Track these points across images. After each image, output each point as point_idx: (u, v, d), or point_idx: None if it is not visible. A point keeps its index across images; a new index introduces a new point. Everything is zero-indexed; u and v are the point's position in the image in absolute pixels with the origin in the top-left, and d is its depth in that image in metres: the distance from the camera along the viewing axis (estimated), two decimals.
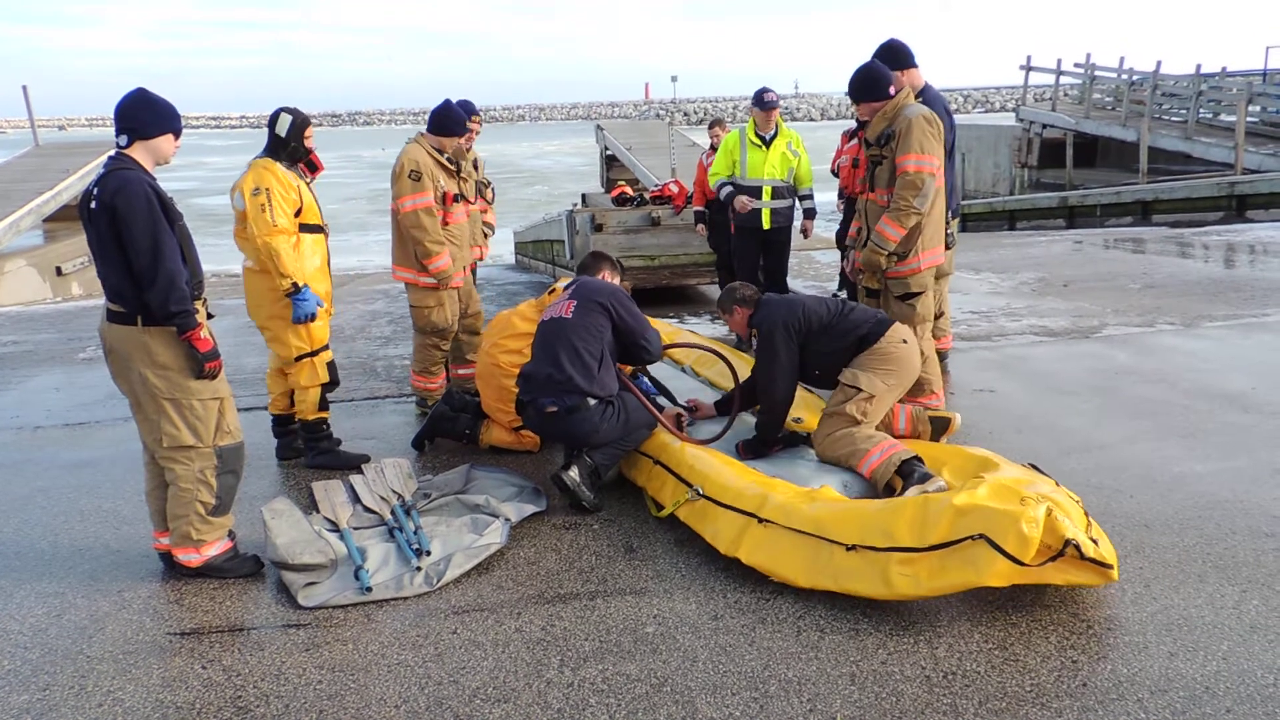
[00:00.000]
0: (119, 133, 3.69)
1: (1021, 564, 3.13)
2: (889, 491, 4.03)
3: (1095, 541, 3.29)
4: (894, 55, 5.45)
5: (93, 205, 3.59)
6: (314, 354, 5.00)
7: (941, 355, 6.75)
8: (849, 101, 5.36)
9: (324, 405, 5.13)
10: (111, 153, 3.74)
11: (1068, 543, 3.15)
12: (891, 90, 5.10)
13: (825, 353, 4.51)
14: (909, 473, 4.00)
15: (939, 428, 4.76)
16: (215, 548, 3.91)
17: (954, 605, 3.44)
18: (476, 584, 3.80)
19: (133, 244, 3.54)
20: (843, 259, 5.67)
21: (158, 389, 3.70)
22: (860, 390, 4.38)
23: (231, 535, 4.01)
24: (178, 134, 3.83)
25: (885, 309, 5.15)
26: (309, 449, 5.18)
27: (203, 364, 3.71)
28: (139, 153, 3.69)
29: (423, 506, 4.45)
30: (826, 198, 9.11)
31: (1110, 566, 3.26)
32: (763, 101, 7.33)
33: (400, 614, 3.59)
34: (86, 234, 3.69)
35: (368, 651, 3.34)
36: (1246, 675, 2.98)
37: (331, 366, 5.11)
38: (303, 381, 5.02)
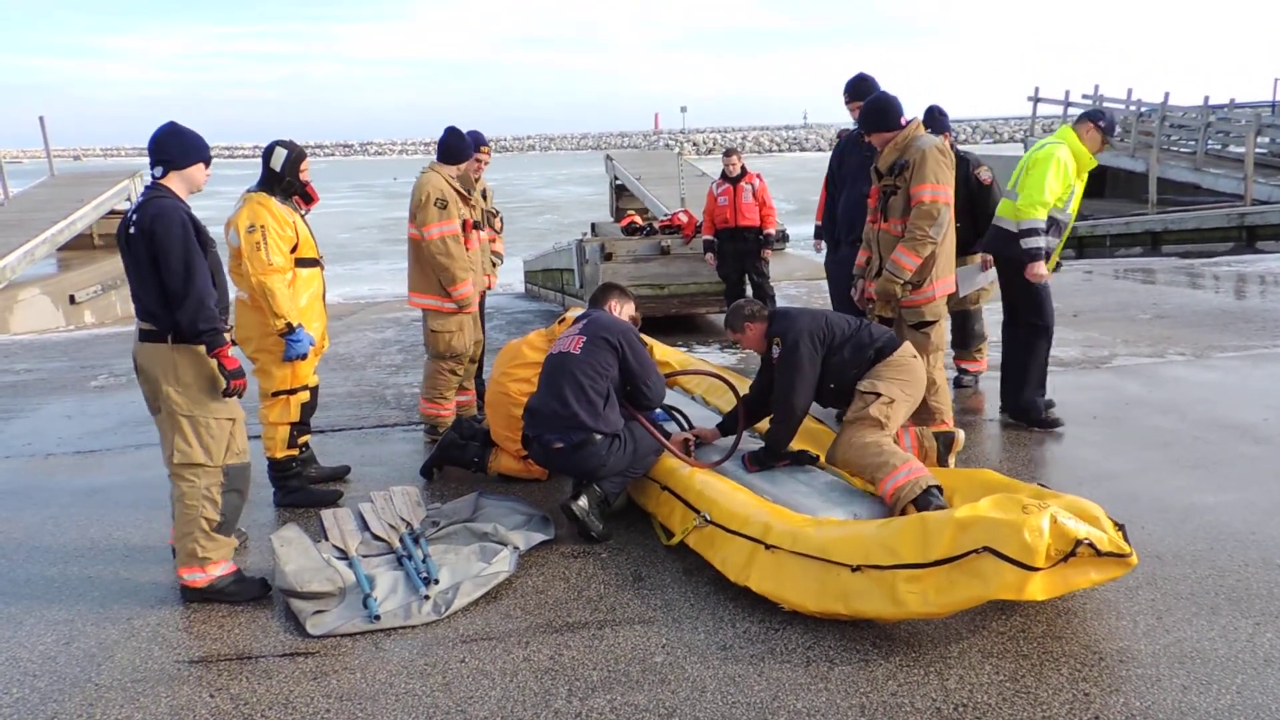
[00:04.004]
0: (154, 164, 3.91)
1: (1032, 569, 3.11)
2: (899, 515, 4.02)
3: (1121, 527, 3.33)
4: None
5: (131, 230, 3.80)
6: (291, 392, 5.00)
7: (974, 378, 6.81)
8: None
9: (292, 443, 5.08)
10: (149, 183, 3.95)
11: (1079, 542, 3.14)
12: (902, 121, 5.13)
13: (844, 365, 4.52)
14: (925, 504, 3.97)
15: (944, 443, 4.75)
16: (221, 568, 3.97)
17: (964, 636, 3.43)
18: (484, 613, 3.80)
19: (168, 266, 3.74)
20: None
21: (177, 405, 3.85)
22: (880, 395, 4.41)
23: (242, 539, 4.18)
24: (208, 163, 4.05)
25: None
26: (277, 488, 5.10)
27: (229, 380, 3.86)
28: (174, 182, 3.91)
29: (431, 535, 4.45)
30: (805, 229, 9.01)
31: (1127, 554, 3.26)
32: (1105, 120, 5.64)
33: (408, 643, 3.58)
34: (123, 259, 3.89)
35: (375, 680, 3.33)
36: (1261, 709, 2.95)
37: (304, 408, 5.09)
38: (272, 418, 5.01)
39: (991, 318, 6.80)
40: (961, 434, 4.87)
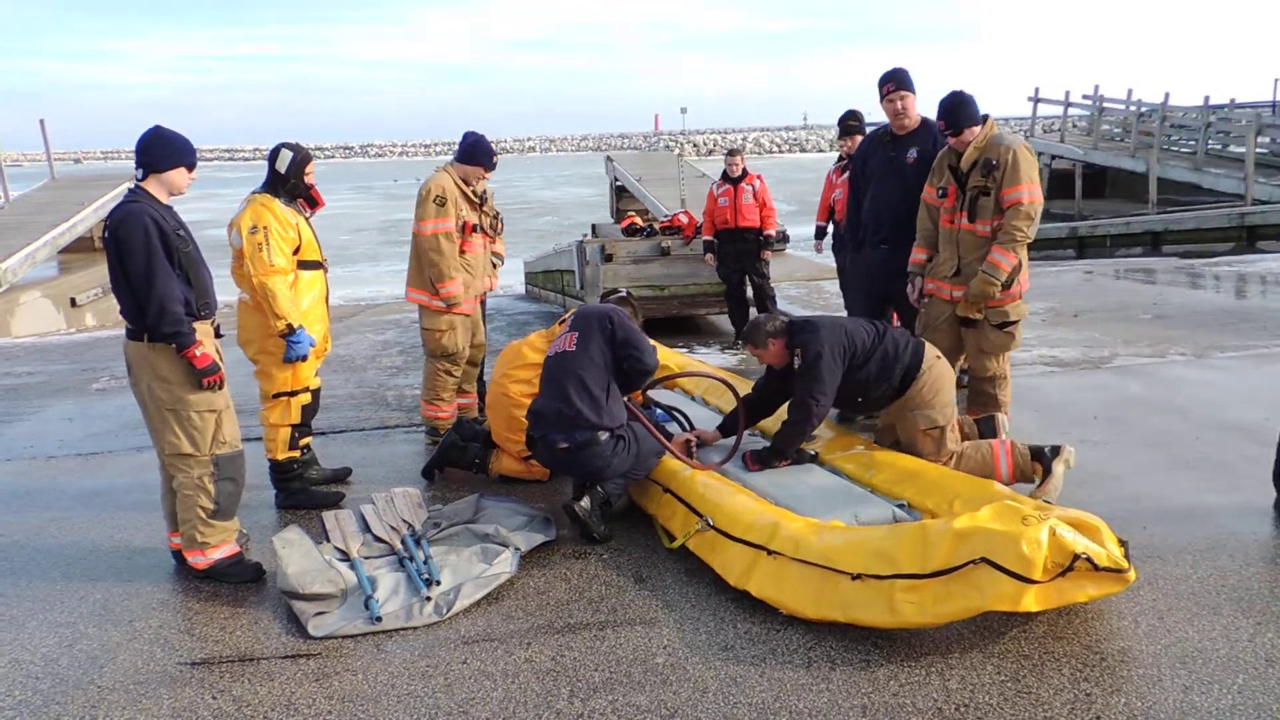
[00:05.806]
0: (137, 166, 4.01)
1: (1029, 581, 3.11)
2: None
3: (1125, 542, 3.34)
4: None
5: (105, 235, 3.94)
6: (292, 394, 5.01)
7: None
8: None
9: (294, 445, 5.08)
10: (131, 185, 4.03)
11: (1076, 557, 3.15)
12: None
13: (870, 382, 4.59)
14: (1041, 455, 4.51)
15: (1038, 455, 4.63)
16: (220, 551, 4.15)
17: (965, 637, 3.43)
18: (486, 614, 3.80)
19: (132, 270, 3.85)
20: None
21: (161, 400, 4.00)
22: (942, 427, 4.61)
23: (243, 541, 4.31)
24: (191, 167, 4.11)
25: (981, 339, 5.13)
26: (279, 490, 5.11)
27: (200, 378, 3.97)
28: (153, 185, 4.00)
29: (432, 536, 4.45)
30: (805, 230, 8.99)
31: (1125, 570, 3.26)
32: None
33: (410, 644, 3.59)
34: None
35: (377, 682, 3.34)
36: (1262, 709, 2.95)
37: (306, 410, 5.09)
38: (273, 420, 5.01)
39: None
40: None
